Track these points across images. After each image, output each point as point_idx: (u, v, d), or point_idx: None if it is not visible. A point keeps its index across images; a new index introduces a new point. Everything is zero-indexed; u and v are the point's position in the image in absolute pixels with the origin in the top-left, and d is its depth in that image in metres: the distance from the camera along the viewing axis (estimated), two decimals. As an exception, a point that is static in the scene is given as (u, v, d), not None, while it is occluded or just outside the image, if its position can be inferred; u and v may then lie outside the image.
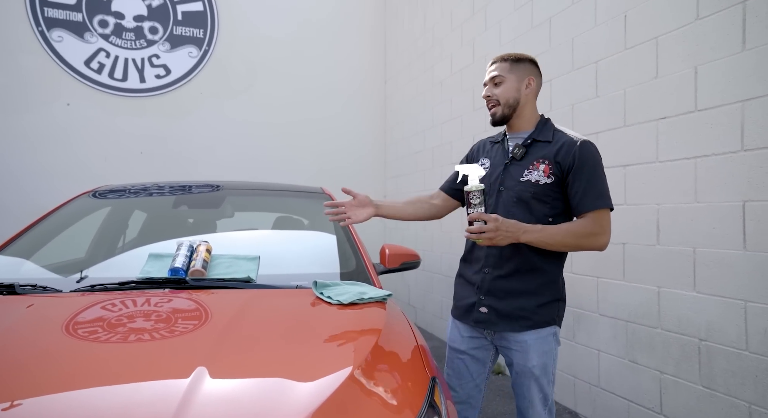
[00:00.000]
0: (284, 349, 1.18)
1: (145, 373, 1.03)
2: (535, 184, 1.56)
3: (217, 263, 1.73)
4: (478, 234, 1.45)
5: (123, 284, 1.57)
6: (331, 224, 2.23)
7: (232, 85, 5.29)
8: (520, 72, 1.63)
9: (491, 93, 1.64)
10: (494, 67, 1.66)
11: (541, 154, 1.58)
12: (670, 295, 2.23)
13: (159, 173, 4.77)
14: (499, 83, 1.63)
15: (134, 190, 2.42)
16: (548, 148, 1.59)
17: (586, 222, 1.52)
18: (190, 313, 1.37)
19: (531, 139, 1.62)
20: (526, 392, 1.62)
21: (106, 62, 4.87)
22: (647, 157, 2.36)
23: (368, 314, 1.44)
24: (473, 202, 1.47)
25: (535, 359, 1.59)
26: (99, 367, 1.06)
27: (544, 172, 1.56)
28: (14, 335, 1.21)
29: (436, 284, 4.61)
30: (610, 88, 2.58)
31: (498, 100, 1.63)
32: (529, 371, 1.60)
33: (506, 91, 1.62)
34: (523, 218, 1.56)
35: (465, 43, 4.16)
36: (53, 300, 1.46)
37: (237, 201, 2.36)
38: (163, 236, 2.04)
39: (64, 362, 1.08)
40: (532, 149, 1.61)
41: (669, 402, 2.24)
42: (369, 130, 5.88)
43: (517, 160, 1.62)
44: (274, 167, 5.28)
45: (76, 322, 1.27)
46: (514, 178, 1.60)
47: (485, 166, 1.69)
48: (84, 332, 1.22)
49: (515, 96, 1.62)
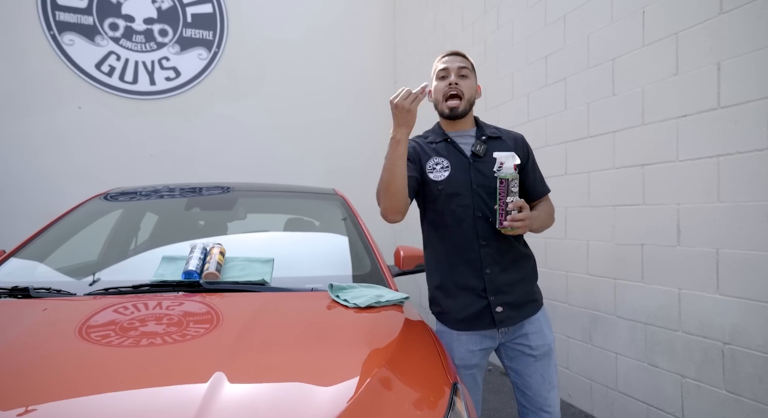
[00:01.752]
0: (302, 354, 1.15)
1: (162, 378, 1.01)
2: None
3: (230, 266, 1.70)
4: (521, 221, 1.49)
5: (137, 288, 1.55)
6: (344, 226, 2.21)
7: (241, 87, 5.29)
8: (475, 74, 1.69)
9: (459, 83, 1.61)
10: (460, 60, 1.64)
11: (503, 149, 1.62)
12: (692, 297, 2.18)
13: (169, 175, 4.76)
14: (465, 76, 1.62)
15: (146, 192, 2.41)
16: (503, 143, 1.67)
17: (549, 204, 1.75)
18: (206, 317, 1.34)
19: (485, 136, 1.66)
20: (545, 374, 1.64)
21: (117, 65, 4.89)
22: (667, 156, 2.30)
23: (386, 318, 1.41)
24: (513, 190, 1.49)
25: (549, 334, 1.68)
26: (115, 372, 1.03)
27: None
28: (30, 338, 1.19)
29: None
30: (628, 86, 2.53)
31: (463, 93, 1.61)
32: (548, 347, 1.66)
33: (470, 87, 1.63)
34: None
35: (476, 42, 4.12)
36: (68, 304, 1.45)
37: (249, 203, 2.34)
38: (175, 239, 2.03)
39: (80, 366, 1.06)
40: (489, 145, 1.64)
41: (691, 407, 2.19)
42: (378, 131, 5.83)
43: (480, 157, 1.63)
44: (283, 169, 5.27)
45: (91, 326, 1.26)
46: (486, 175, 1.60)
47: (443, 166, 1.65)
48: (99, 336, 1.21)
49: (473, 95, 1.65)
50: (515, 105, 3.54)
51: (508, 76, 3.63)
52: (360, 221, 2.20)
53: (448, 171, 1.62)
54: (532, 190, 1.70)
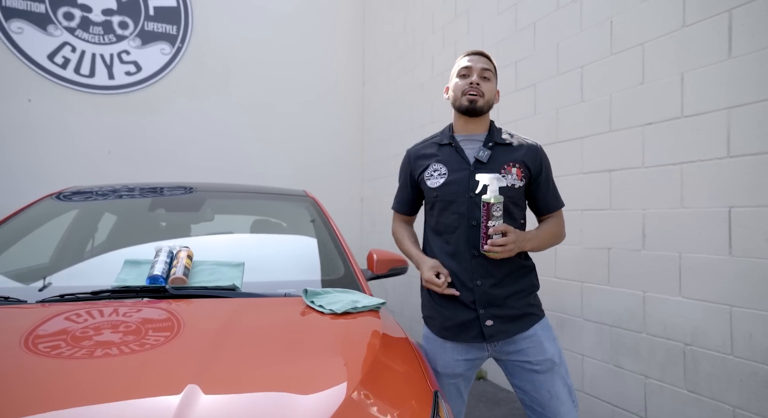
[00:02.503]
0: (280, 363, 1.11)
1: (130, 392, 0.93)
2: (511, 188, 1.54)
3: (198, 270, 1.63)
4: (502, 246, 1.42)
5: (96, 294, 1.45)
6: (316, 229, 2.16)
7: (206, 84, 5.13)
8: (496, 78, 1.64)
9: (481, 83, 1.56)
10: (485, 61, 1.60)
11: (510, 158, 1.56)
12: (656, 300, 2.25)
13: (128, 174, 4.57)
14: (487, 78, 1.58)
15: (104, 192, 2.28)
16: (512, 150, 1.58)
17: (557, 221, 1.64)
18: (174, 325, 1.27)
19: (493, 141, 1.58)
20: (551, 389, 1.54)
21: (72, 57, 4.65)
22: (633, 162, 2.37)
23: (364, 325, 1.38)
24: (495, 214, 1.40)
25: (550, 347, 1.57)
26: (76, 387, 0.95)
27: (517, 176, 1.54)
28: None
29: (416, 289, 4.56)
30: (596, 93, 2.59)
31: (483, 94, 1.56)
32: (550, 361, 1.55)
33: (491, 90, 1.59)
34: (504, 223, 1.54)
35: (447, 46, 4.15)
36: (17, 312, 1.33)
37: (217, 204, 2.25)
38: (137, 241, 1.92)
39: (37, 381, 0.97)
40: (495, 152, 1.57)
41: (654, 406, 2.25)
42: (346, 132, 5.80)
43: (483, 164, 1.54)
44: (249, 168, 5.15)
45: (44, 336, 1.16)
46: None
47: (441, 173, 1.59)
48: (53, 347, 1.11)
49: (492, 99, 1.60)
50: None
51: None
52: (332, 223, 2.16)
53: (445, 178, 1.57)
54: (542, 205, 1.62)
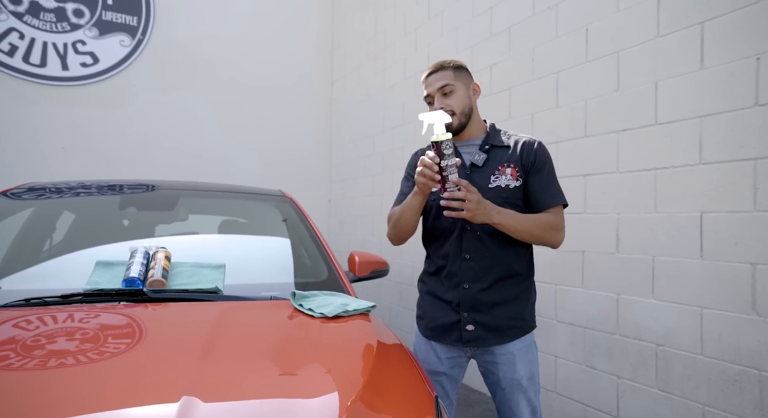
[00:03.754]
0: (277, 369, 1.05)
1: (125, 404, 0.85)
2: (506, 188, 1.54)
3: (177, 272, 1.54)
4: (461, 202, 1.36)
5: (66, 297, 1.34)
6: (295, 231, 2.09)
7: (169, 78, 4.93)
8: (464, 78, 1.58)
9: (444, 104, 1.54)
10: (439, 76, 1.55)
11: (505, 159, 1.56)
12: (629, 302, 2.31)
13: (84, 171, 4.32)
14: (449, 92, 1.54)
15: (65, 188, 2.12)
16: (509, 152, 1.57)
17: (549, 216, 1.55)
18: (159, 331, 1.18)
19: (489, 144, 1.58)
20: (514, 407, 1.55)
21: (20, 44, 4.36)
22: (608, 167, 2.43)
23: (358, 329, 1.33)
24: (446, 152, 1.33)
25: (522, 369, 1.55)
26: (64, 400, 0.86)
27: (512, 175, 1.54)
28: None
29: (385, 290, 4.53)
30: (571, 99, 2.64)
31: (453, 110, 1.54)
32: (517, 383, 1.54)
33: (460, 99, 1.55)
34: None
35: (420, 48, 4.15)
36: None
37: (191, 203, 2.15)
38: (106, 241, 1.80)
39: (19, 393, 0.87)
40: (491, 155, 1.57)
41: (626, 406, 2.31)
42: (314, 132, 5.72)
43: (479, 168, 1.56)
44: (214, 167, 4.98)
45: (18, 345, 1.05)
46: (481, 186, 1.52)
47: None
48: (27, 357, 1.01)
49: (468, 104, 1.57)
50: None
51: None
52: (312, 224, 2.10)
53: None
54: (535, 200, 1.55)
